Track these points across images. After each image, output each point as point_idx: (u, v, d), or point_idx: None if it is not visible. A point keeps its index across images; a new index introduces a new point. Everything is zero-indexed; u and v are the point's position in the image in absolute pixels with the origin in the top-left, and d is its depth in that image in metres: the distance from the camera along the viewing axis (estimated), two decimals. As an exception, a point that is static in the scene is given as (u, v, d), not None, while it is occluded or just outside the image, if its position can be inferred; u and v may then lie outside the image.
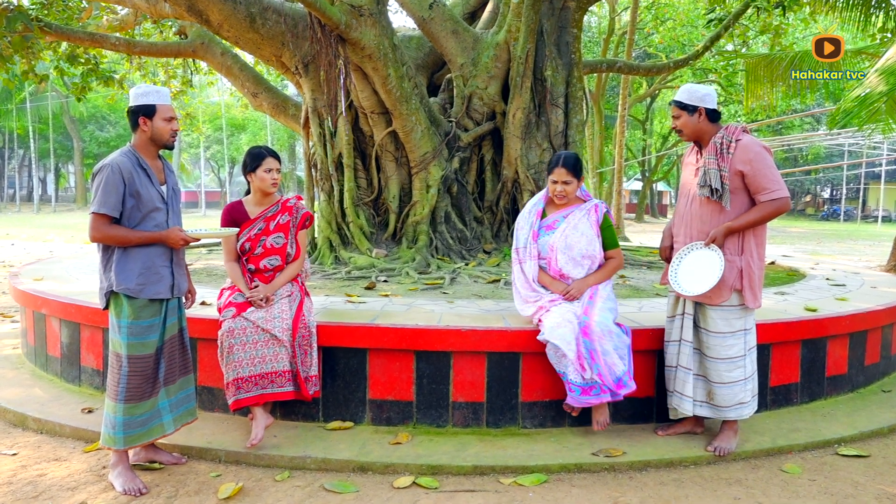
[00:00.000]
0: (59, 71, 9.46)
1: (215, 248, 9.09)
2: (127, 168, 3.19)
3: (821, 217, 41.03)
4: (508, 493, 3.23)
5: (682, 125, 3.62)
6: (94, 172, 3.22)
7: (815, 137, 29.31)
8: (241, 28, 6.66)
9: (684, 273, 3.57)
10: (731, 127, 3.56)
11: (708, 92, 3.60)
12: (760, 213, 3.47)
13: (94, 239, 3.22)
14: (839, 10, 9.19)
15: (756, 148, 3.48)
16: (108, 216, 3.16)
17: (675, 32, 19.44)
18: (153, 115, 3.27)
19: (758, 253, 3.58)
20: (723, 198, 3.50)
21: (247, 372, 3.59)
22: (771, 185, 3.44)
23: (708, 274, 3.48)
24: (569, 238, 3.91)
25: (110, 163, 3.18)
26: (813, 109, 26.99)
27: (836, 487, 3.32)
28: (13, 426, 4.09)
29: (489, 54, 7.03)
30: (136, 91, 3.30)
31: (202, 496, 3.16)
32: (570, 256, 3.90)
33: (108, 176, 3.15)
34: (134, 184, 3.20)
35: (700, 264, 3.53)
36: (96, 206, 3.15)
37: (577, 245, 3.90)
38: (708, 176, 3.52)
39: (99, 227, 3.17)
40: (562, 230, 3.93)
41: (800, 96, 10.72)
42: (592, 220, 3.96)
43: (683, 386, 3.69)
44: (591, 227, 3.94)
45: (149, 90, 3.29)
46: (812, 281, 6.13)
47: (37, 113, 41.12)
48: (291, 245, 3.97)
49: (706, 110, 3.58)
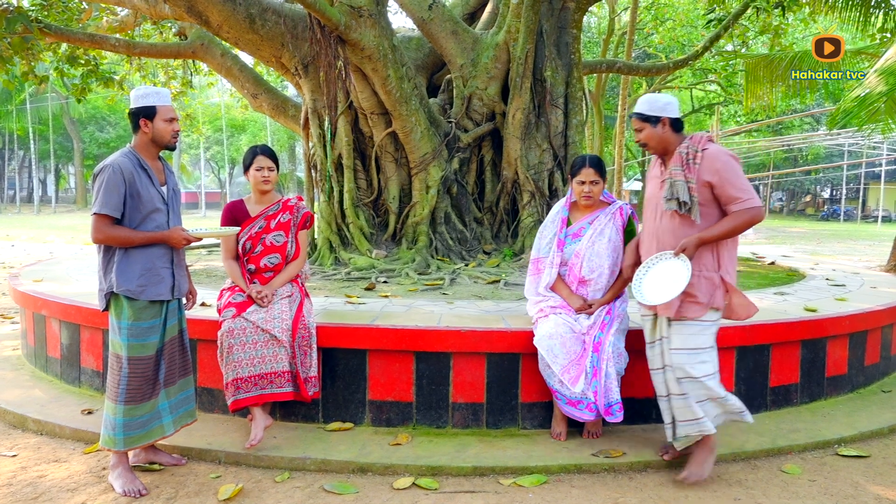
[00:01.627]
0: (59, 72, 9.48)
1: (215, 250, 9.09)
2: (128, 169, 3.19)
3: (821, 217, 41.00)
4: (508, 493, 3.23)
5: (645, 138, 3.39)
6: (94, 173, 3.22)
7: (814, 137, 29.33)
8: (240, 29, 6.66)
9: (649, 284, 3.35)
10: (697, 136, 3.35)
11: (669, 101, 3.41)
12: (733, 224, 3.23)
13: (97, 240, 3.21)
14: (839, 10, 9.19)
15: (723, 157, 3.28)
16: (110, 217, 3.16)
17: (674, 33, 19.43)
18: (154, 117, 3.27)
19: (732, 267, 3.40)
20: (692, 211, 3.26)
21: (246, 372, 3.59)
22: (742, 194, 3.22)
23: (673, 284, 3.24)
24: (596, 245, 3.85)
25: (111, 163, 3.18)
26: (813, 109, 27.01)
27: (836, 488, 3.32)
28: (13, 427, 4.09)
29: (489, 55, 7.03)
30: (137, 93, 3.30)
31: (202, 497, 3.16)
32: (595, 264, 3.85)
33: (110, 177, 3.15)
34: (135, 184, 3.20)
35: (667, 275, 3.28)
36: (98, 207, 3.15)
37: (604, 252, 3.84)
38: (675, 188, 3.28)
39: (101, 227, 3.17)
40: (588, 237, 3.86)
41: (799, 96, 10.72)
42: (618, 224, 3.89)
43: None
44: (618, 233, 3.88)
45: (149, 91, 3.29)
46: (812, 281, 6.13)
47: (37, 114, 41.12)
48: (291, 244, 3.97)
49: (669, 120, 3.37)
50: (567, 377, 3.58)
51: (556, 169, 7.11)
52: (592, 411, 3.63)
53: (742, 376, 4.17)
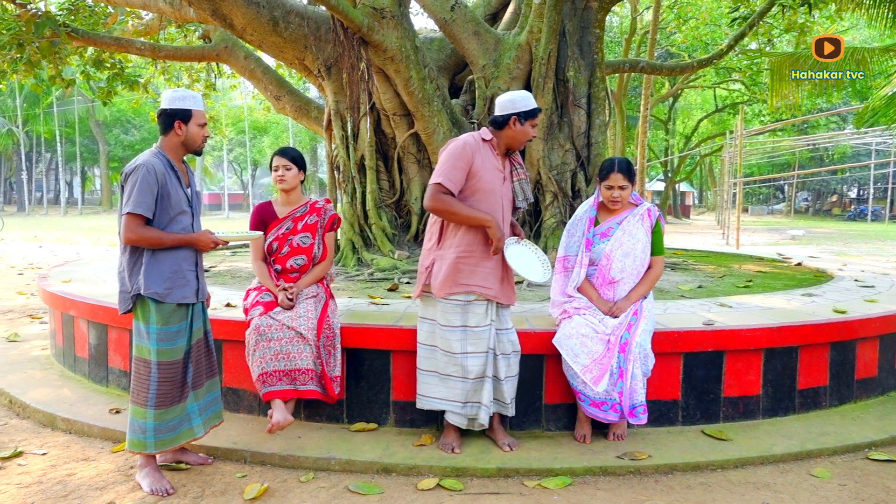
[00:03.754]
0: (86, 75, 9.63)
1: (239, 251, 9.17)
2: (160, 169, 3.20)
3: (847, 217, 40.38)
4: (533, 495, 3.22)
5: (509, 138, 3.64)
6: (125, 172, 3.20)
7: (841, 136, 28.89)
8: (264, 32, 6.71)
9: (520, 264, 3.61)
10: None
11: (511, 99, 3.60)
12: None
13: (129, 240, 3.17)
14: (866, 8, 9.04)
15: None
16: (142, 216, 3.14)
17: (697, 31, 19.27)
18: (189, 120, 3.28)
19: None
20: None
21: (271, 367, 3.61)
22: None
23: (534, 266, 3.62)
24: (624, 245, 3.82)
25: (144, 163, 3.17)
26: (839, 108, 26.61)
27: (867, 493, 3.26)
28: (43, 426, 4.15)
29: (511, 55, 7.01)
30: (174, 94, 3.30)
31: (228, 496, 3.18)
32: (625, 264, 3.82)
33: (144, 176, 3.13)
34: (166, 185, 3.20)
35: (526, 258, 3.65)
36: (132, 207, 3.12)
37: (633, 252, 3.82)
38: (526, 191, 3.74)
39: (134, 227, 3.14)
40: (617, 237, 3.84)
41: (825, 95, 10.56)
42: (646, 225, 3.87)
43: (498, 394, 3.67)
44: (646, 234, 3.86)
45: (186, 95, 3.30)
46: (840, 282, 6.04)
47: (63, 117, 41.81)
48: (318, 246, 4.00)
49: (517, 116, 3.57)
50: (589, 377, 3.55)
51: (578, 169, 7.07)
52: (617, 412, 3.61)
53: (769, 378, 4.11)
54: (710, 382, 4.02)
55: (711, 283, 6.15)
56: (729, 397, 4.04)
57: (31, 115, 41.14)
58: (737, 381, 4.05)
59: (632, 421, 3.61)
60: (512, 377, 3.66)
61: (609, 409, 3.63)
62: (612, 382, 3.57)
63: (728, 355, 4.02)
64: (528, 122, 3.56)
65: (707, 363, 4.00)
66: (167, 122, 3.28)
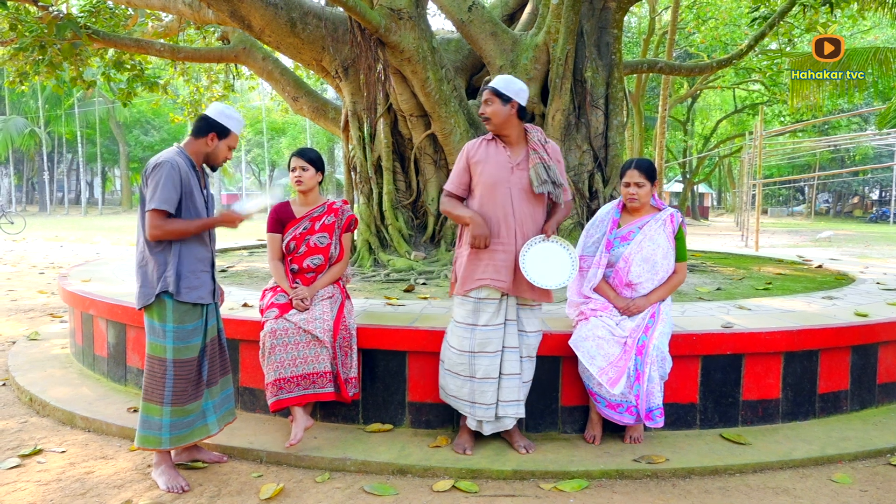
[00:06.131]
0: (106, 77, 9.72)
1: (256, 251, 9.22)
2: (184, 168, 3.24)
3: (869, 219, 39.85)
4: (549, 498, 3.20)
5: (491, 112, 3.52)
6: (148, 169, 3.22)
7: (862, 137, 28.54)
8: (282, 33, 6.74)
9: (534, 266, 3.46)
10: (537, 127, 3.66)
11: (523, 88, 3.58)
12: (566, 211, 3.69)
13: (154, 236, 3.19)
14: (889, 7, 8.93)
15: (559, 149, 3.70)
16: (166, 212, 3.17)
17: (717, 32, 19.10)
18: (224, 137, 3.38)
19: None
20: (556, 192, 3.56)
21: (288, 372, 3.62)
22: (566, 185, 3.63)
23: (559, 267, 3.48)
24: (644, 250, 3.78)
25: (168, 160, 3.20)
26: (861, 109, 26.29)
27: (889, 499, 3.21)
28: (62, 424, 4.19)
29: (528, 56, 6.99)
30: (223, 109, 3.40)
31: (244, 496, 3.20)
32: (643, 269, 3.78)
33: (168, 172, 3.17)
34: (189, 184, 3.25)
35: (548, 259, 3.49)
36: (156, 203, 3.14)
37: (653, 257, 3.78)
38: (550, 172, 3.52)
39: (158, 223, 3.16)
40: (637, 241, 3.80)
41: (847, 95, 10.44)
42: (668, 231, 3.82)
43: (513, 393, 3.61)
44: (668, 239, 3.81)
45: (232, 115, 3.39)
46: (862, 285, 5.96)
47: (84, 118, 42.25)
48: (335, 246, 4.00)
49: (518, 105, 3.54)
50: (605, 378, 3.53)
51: (596, 170, 7.04)
52: (633, 414, 3.59)
53: (789, 382, 4.06)
54: (729, 386, 3.98)
55: (730, 285, 6.10)
56: (748, 401, 4.00)
57: (52, 117, 41.62)
58: (756, 384, 4.00)
59: (648, 424, 3.59)
60: (514, 376, 3.60)
61: (625, 411, 3.60)
62: (629, 385, 3.55)
63: (747, 358, 3.97)
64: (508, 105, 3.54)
65: (726, 366, 3.96)
66: (204, 128, 3.34)
